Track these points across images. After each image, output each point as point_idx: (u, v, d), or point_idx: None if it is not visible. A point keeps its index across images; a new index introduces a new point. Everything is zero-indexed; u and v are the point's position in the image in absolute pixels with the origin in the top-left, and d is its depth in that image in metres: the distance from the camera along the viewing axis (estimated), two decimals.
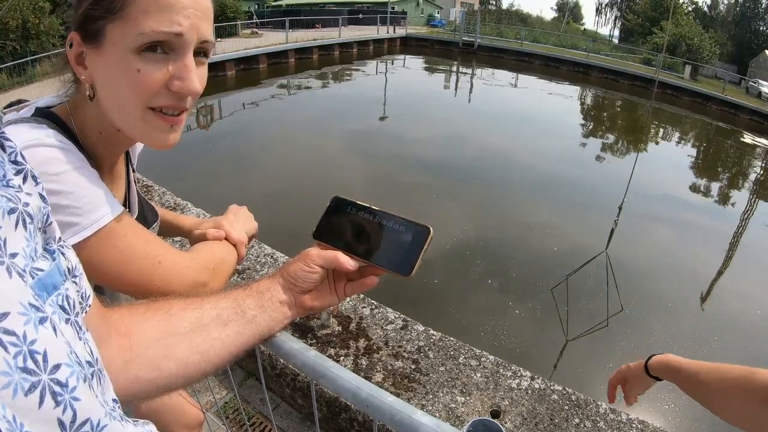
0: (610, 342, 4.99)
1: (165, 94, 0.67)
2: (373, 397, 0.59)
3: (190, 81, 0.67)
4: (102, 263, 0.68)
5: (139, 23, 0.62)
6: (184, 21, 0.64)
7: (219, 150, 9.74)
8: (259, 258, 2.76)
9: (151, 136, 0.71)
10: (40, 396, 0.30)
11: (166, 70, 0.66)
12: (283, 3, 38.35)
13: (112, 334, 0.55)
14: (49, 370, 0.31)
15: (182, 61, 0.66)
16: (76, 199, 0.64)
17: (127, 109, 0.68)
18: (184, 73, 0.67)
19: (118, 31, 0.63)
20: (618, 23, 57.99)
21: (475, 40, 29.02)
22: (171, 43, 0.65)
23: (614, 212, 5.15)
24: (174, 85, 0.66)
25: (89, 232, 0.66)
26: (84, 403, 0.34)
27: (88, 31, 0.65)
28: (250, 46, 18.46)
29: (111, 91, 0.68)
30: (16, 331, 0.30)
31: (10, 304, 0.30)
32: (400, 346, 2.13)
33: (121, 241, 0.70)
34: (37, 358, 0.31)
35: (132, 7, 0.62)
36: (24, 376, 0.29)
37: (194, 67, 0.68)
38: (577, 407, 1.90)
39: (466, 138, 12.27)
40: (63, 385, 0.32)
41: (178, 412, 1.29)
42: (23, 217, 0.35)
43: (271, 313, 0.67)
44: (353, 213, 0.71)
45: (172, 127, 0.71)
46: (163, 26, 0.63)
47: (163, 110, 0.69)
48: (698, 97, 22.70)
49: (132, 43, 0.63)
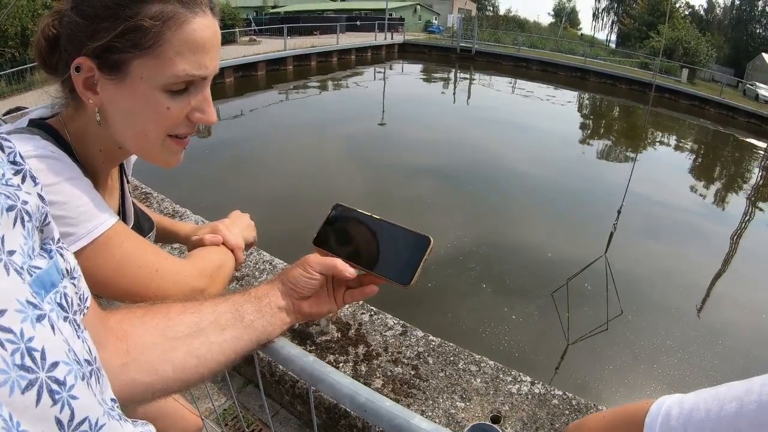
0: (610, 345, 4.98)
1: (185, 124, 0.72)
2: (371, 402, 0.59)
3: (210, 113, 0.73)
4: (98, 273, 0.68)
5: (172, 64, 0.65)
6: (210, 64, 0.70)
7: (217, 157, 9.74)
8: (258, 265, 2.76)
9: (167, 158, 0.75)
10: (37, 394, 0.30)
11: (188, 103, 0.70)
12: (282, 10, 38.50)
13: (109, 337, 0.55)
14: (46, 368, 0.31)
15: (202, 95, 0.71)
16: (70, 210, 0.65)
17: (149, 138, 0.71)
18: (205, 106, 0.72)
19: (147, 67, 0.65)
20: (615, 28, 58.29)
21: (472, 46, 29.11)
22: (195, 81, 0.69)
23: (613, 216, 5.16)
24: (195, 116, 0.71)
25: (85, 242, 0.66)
26: (82, 401, 0.34)
27: (107, 61, 0.65)
28: (248, 53, 18.50)
29: (132, 121, 0.70)
30: (13, 329, 0.30)
31: (7, 302, 0.30)
32: (400, 352, 2.13)
33: (117, 251, 0.70)
34: (34, 356, 0.31)
35: (166, 47, 0.64)
36: (21, 374, 0.29)
37: (210, 98, 0.73)
38: (578, 412, 1.89)
39: (464, 143, 12.28)
40: (61, 383, 0.32)
41: (176, 418, 1.28)
42: (21, 215, 0.35)
43: (270, 319, 0.67)
44: (354, 221, 0.71)
45: (183, 149, 0.76)
46: (195, 70, 0.67)
47: (178, 135, 0.73)
48: (696, 100, 22.76)
49: (163, 81, 0.66)
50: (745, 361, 4.96)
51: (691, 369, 4.72)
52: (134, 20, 0.62)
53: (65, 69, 0.68)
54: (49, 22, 0.69)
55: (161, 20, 0.63)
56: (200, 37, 0.66)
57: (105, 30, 0.63)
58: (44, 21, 0.70)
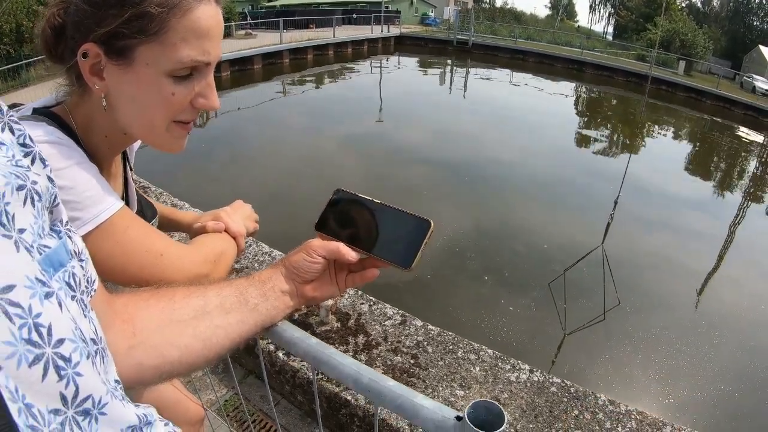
0: (607, 335, 5.02)
1: (189, 110, 0.73)
2: (374, 382, 0.60)
3: (213, 99, 0.74)
4: (104, 257, 0.69)
5: (178, 50, 0.66)
6: (213, 50, 0.70)
7: (214, 151, 9.71)
8: (257, 256, 2.77)
9: (171, 144, 0.76)
10: (43, 368, 0.31)
11: (192, 89, 0.71)
12: (277, 3, 38.26)
13: (116, 320, 0.55)
14: (53, 344, 0.32)
15: (206, 81, 0.72)
16: (77, 194, 0.65)
17: (154, 123, 0.72)
18: (208, 92, 0.73)
19: (153, 53, 0.66)
20: (612, 20, 58.20)
21: (469, 38, 29.05)
22: (199, 68, 0.71)
23: (610, 207, 5.17)
24: (199, 102, 0.73)
25: (91, 226, 0.67)
26: (86, 379, 0.35)
27: (114, 47, 0.66)
28: (244, 47, 18.42)
29: (137, 107, 0.71)
30: (22, 304, 0.30)
31: (16, 277, 0.30)
32: (399, 342, 2.14)
33: (123, 235, 0.71)
34: (41, 331, 0.31)
35: (171, 33, 0.65)
36: (28, 348, 0.30)
37: (214, 84, 0.74)
38: (576, 399, 1.91)
39: (461, 136, 12.26)
40: (66, 359, 0.33)
41: (178, 407, 1.29)
42: (32, 195, 0.36)
43: (273, 302, 0.68)
44: (355, 205, 0.72)
45: (187, 134, 0.77)
46: (200, 56, 0.68)
47: (182, 120, 0.74)
48: (693, 92, 22.77)
49: (168, 67, 0.67)
50: (741, 352, 5.00)
51: (688, 359, 4.75)
52: (141, 7, 0.63)
53: (71, 56, 0.69)
54: (54, 12, 0.70)
55: (167, 7, 0.64)
56: (205, 24, 0.67)
57: (112, 16, 0.64)
58: (50, 10, 0.70)
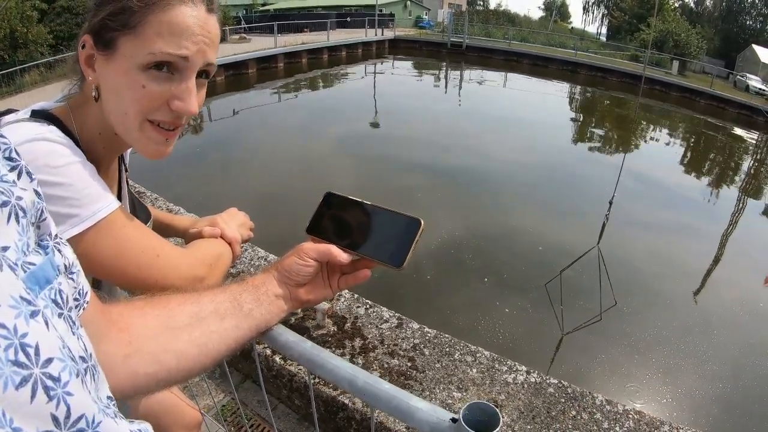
0: (604, 335, 5.03)
1: (165, 111, 0.72)
2: (370, 384, 0.60)
3: (189, 103, 0.72)
4: (100, 255, 0.69)
5: (151, 43, 0.67)
6: (191, 46, 0.69)
7: (208, 156, 9.72)
8: (252, 261, 2.77)
9: (146, 145, 0.75)
10: (32, 390, 0.30)
11: (168, 89, 0.70)
12: (271, 8, 38.31)
13: (111, 329, 0.55)
14: (41, 364, 0.31)
15: (185, 84, 0.71)
16: (76, 191, 0.66)
17: (127, 117, 0.72)
18: (185, 95, 0.72)
19: (130, 45, 0.68)
20: (605, 21, 58.38)
21: (463, 40, 29.13)
22: (177, 65, 0.70)
23: (605, 207, 5.19)
24: (174, 104, 0.71)
25: (89, 223, 0.67)
26: (77, 398, 0.34)
27: (102, 38, 0.69)
28: (238, 52, 18.42)
29: (115, 99, 0.72)
30: (7, 324, 0.29)
31: (0, 297, 0.30)
32: (396, 345, 2.14)
33: (120, 234, 0.71)
34: (28, 352, 0.30)
35: (147, 27, 0.67)
36: (15, 369, 0.29)
37: (195, 90, 0.73)
38: (574, 399, 1.91)
39: (456, 138, 12.29)
40: (56, 379, 0.32)
41: (176, 413, 1.29)
42: (16, 211, 0.35)
43: (267, 307, 0.68)
44: (345, 207, 0.73)
45: (167, 141, 0.76)
46: (172, 48, 0.68)
47: (160, 124, 0.73)
48: (687, 92, 22.92)
49: (141, 59, 0.68)
50: (739, 351, 5.02)
51: (685, 358, 4.77)
52: (123, 1, 0.67)
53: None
54: None
55: (147, 4, 0.67)
56: (181, 21, 0.68)
57: (103, 10, 0.69)
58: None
